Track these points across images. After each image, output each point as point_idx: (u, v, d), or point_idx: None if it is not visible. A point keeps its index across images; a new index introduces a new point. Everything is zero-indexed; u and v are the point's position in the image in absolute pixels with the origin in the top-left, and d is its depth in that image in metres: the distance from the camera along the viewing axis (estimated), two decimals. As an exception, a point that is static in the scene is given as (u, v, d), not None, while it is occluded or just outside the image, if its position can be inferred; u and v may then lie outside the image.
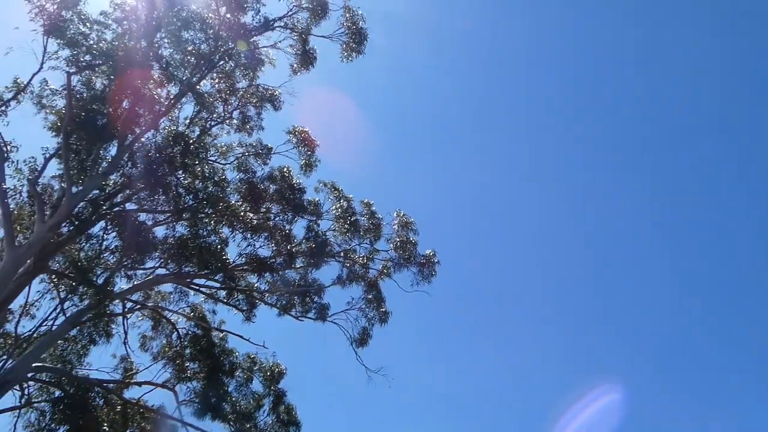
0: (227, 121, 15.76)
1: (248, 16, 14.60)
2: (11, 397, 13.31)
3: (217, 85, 15.14)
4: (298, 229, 16.70)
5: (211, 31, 13.94)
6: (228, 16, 13.87)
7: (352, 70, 16.26)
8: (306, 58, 15.52)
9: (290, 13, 15.02)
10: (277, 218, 16.44)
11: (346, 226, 16.83)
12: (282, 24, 15.02)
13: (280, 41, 15.11)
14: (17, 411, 13.87)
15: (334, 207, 16.89)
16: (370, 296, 17.18)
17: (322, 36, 15.46)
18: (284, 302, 16.91)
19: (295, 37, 15.26)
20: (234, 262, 15.81)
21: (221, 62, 14.68)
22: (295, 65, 15.63)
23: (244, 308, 16.76)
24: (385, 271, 17.39)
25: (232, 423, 16.14)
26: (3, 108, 12.09)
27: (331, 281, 16.96)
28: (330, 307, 16.78)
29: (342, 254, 17.03)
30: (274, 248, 16.22)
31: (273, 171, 16.32)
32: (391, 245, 17.40)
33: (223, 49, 14.30)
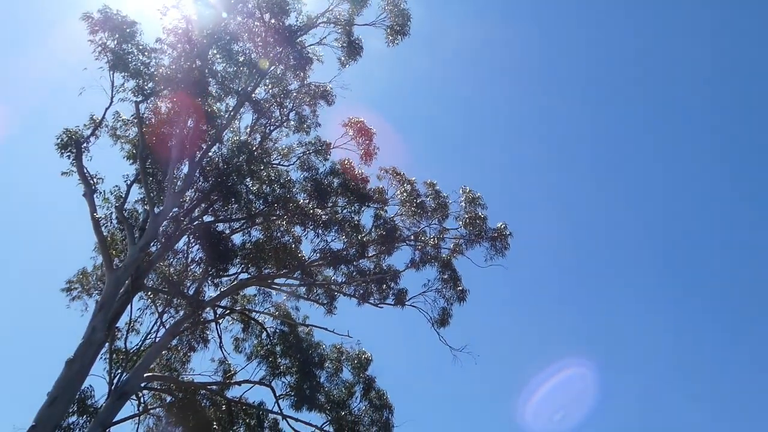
0: (285, 123, 16.16)
1: (291, 18, 14.86)
2: (130, 407, 14.53)
3: (270, 91, 15.54)
4: (366, 218, 16.96)
5: (259, 39, 14.27)
6: (272, 21, 14.16)
7: (399, 52, 16.20)
8: (352, 49, 15.59)
9: (331, 7, 15.14)
10: (344, 210, 16.73)
11: (412, 209, 16.90)
12: (325, 20, 15.17)
13: (324, 37, 15.28)
14: (137, 418, 15.08)
15: (398, 192, 16.99)
16: (445, 276, 17.20)
17: (365, 24, 15.49)
18: (362, 291, 17.23)
19: (339, 30, 15.36)
20: (309, 258, 16.31)
21: (272, 67, 14.99)
22: (343, 58, 15.75)
23: (325, 302, 17.26)
24: (456, 249, 17.33)
25: (327, 412, 16.75)
26: (85, 145, 12.98)
27: (405, 265, 17.12)
28: (407, 292, 16.94)
29: (412, 237, 17.14)
30: (346, 240, 16.56)
31: (334, 165, 16.60)
32: (460, 222, 17.30)
33: (272, 55, 14.61)
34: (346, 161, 16.59)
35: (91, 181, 13.17)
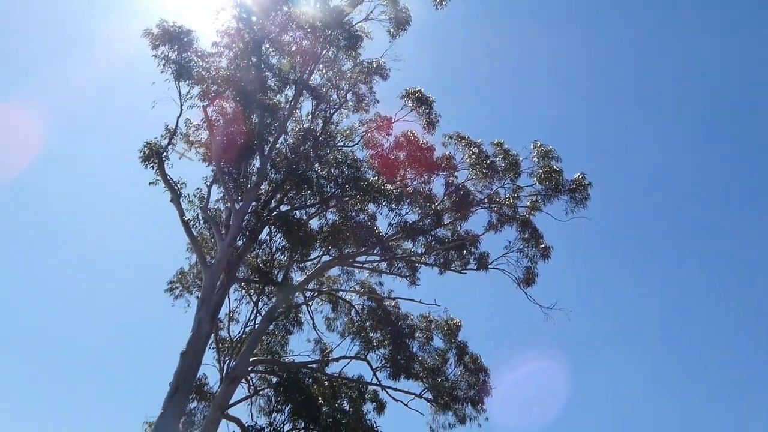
0: (343, 105, 16.30)
1: (336, -1, 14.78)
2: (241, 390, 15.68)
3: (325, 75, 15.68)
4: (437, 187, 16.86)
5: (307, 25, 14.38)
6: (318, 4, 14.17)
7: (446, 15, 15.72)
8: (400, 20, 15.32)
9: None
10: (414, 182, 16.72)
11: (483, 171, 16.55)
12: (368, -8, 14.96)
13: (371, 12, 15.08)
14: (249, 400, 16.27)
15: (465, 156, 16.68)
16: (525, 235, 16.81)
17: (411, -10, 15.07)
18: (442, 260, 17.26)
19: (385, 2, 15.09)
20: (386, 233, 16.52)
21: (323, 51, 15.10)
22: (392, 30, 15.54)
23: (407, 274, 17.47)
24: (534, 206, 16.83)
25: (424, 380, 17.13)
26: (165, 154, 13.87)
27: (483, 229, 16.91)
28: (489, 255, 16.76)
29: (486, 200, 16.84)
30: (420, 211, 16.59)
31: (398, 138, 16.56)
32: (535, 179, 16.73)
33: (321, 38, 14.70)
34: (409, 133, 16.49)
35: (176, 187, 14.08)
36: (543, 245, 16.72)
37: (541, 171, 16.65)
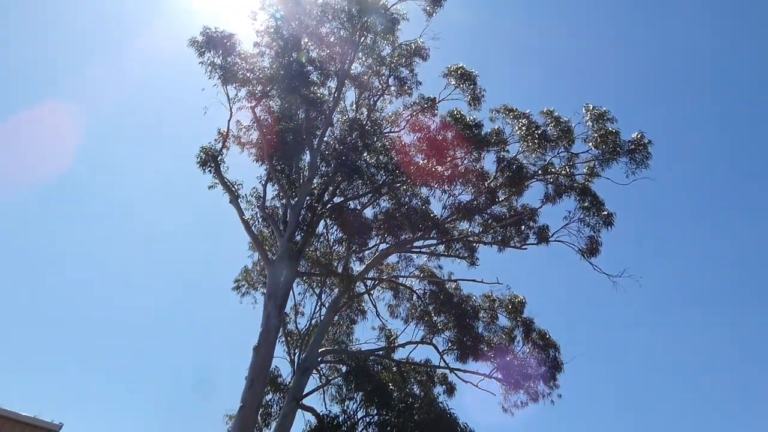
0: (386, 91, 16.24)
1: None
2: (312, 380, 16.07)
3: (365, 63, 15.65)
4: (489, 163, 16.52)
5: (343, 15, 14.39)
6: (351, -7, 14.14)
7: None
8: (435, -4, 15.05)
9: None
10: (465, 161, 16.46)
11: (534, 142, 16.06)
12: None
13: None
14: (321, 389, 16.67)
15: (515, 129, 16.24)
16: (585, 204, 16.19)
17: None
18: (500, 237, 16.95)
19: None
20: (441, 216, 16.39)
21: (361, 38, 15.06)
22: (428, 8, 15.30)
23: (465, 255, 17.28)
24: (591, 172, 16.20)
25: (492, 360, 16.94)
26: (220, 158, 14.31)
27: (540, 202, 16.45)
28: (549, 228, 16.30)
29: (540, 172, 16.36)
30: (473, 190, 16.32)
31: (444, 118, 16.32)
32: (590, 144, 16.04)
33: (358, 26, 14.67)
34: (455, 111, 16.22)
35: (233, 188, 14.51)
36: (605, 212, 16.06)
37: (596, 135, 15.95)
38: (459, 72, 15.93)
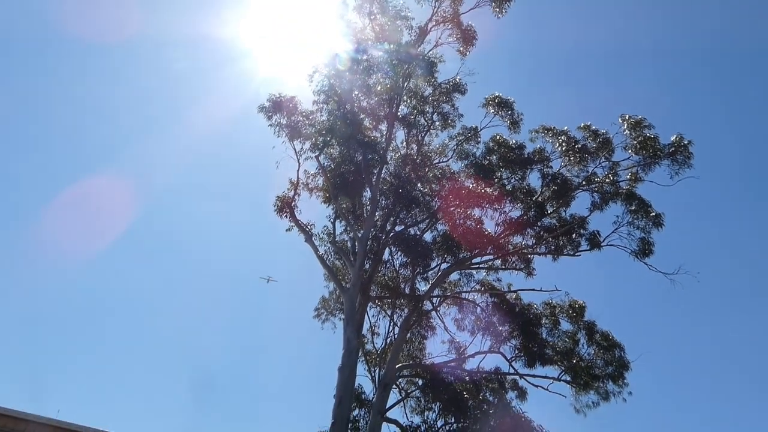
0: (431, 126, 17.92)
1: (404, 35, 16.55)
2: (393, 395, 17.57)
3: (411, 104, 17.43)
4: (534, 180, 17.73)
5: (386, 66, 16.27)
6: (391, 47, 16.02)
7: (509, 20, 16.80)
8: (466, 37, 16.68)
9: (435, 9, 16.44)
10: (511, 180, 17.75)
11: (575, 155, 17.14)
12: (433, 22, 16.53)
13: (439, 38, 16.64)
14: (402, 402, 18.15)
15: (556, 146, 17.40)
16: (632, 207, 16.98)
17: (471, 9, 16.41)
18: (553, 247, 17.97)
19: (449, 25, 16.57)
20: (495, 232, 17.69)
21: (405, 84, 16.89)
22: (461, 48, 16.99)
23: (521, 267, 18.39)
24: (635, 177, 17.03)
25: (559, 363, 17.79)
26: (293, 204, 16.42)
27: (587, 210, 17.41)
28: (600, 233, 17.17)
29: (584, 183, 17.37)
30: (522, 206, 17.56)
31: (487, 144, 17.77)
32: (630, 151, 16.95)
33: (401, 73, 16.51)
34: (497, 136, 17.61)
35: (307, 229, 16.54)
36: (653, 213, 16.77)
37: (635, 142, 16.83)
38: (496, 101, 17.35)
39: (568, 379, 17.42)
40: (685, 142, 16.69)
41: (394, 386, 17.59)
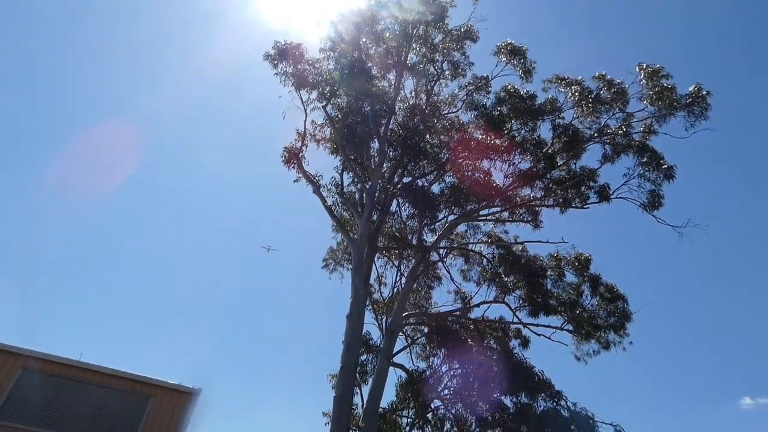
0: (441, 76, 17.45)
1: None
2: (399, 342, 18.11)
3: (420, 52, 16.92)
4: (545, 131, 17.42)
5: (396, 9, 15.68)
6: (401, -10, 15.38)
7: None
8: (479, -22, 15.92)
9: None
10: (522, 131, 17.45)
11: (588, 106, 16.75)
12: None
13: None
14: (408, 349, 18.75)
15: (568, 96, 16.97)
16: (644, 160, 16.72)
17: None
18: (561, 200, 17.87)
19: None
20: (503, 185, 17.58)
21: (414, 30, 16.33)
22: (473, -8, 16.20)
23: (529, 219, 18.39)
24: (648, 129, 16.68)
25: (562, 314, 18.13)
26: (300, 154, 16.33)
27: (598, 163, 17.18)
28: (609, 186, 17.01)
29: (596, 135, 17.05)
30: (531, 158, 17.34)
31: (498, 94, 17.35)
32: (645, 102, 16.52)
33: (410, 19, 15.93)
34: (509, 86, 17.17)
35: (315, 180, 16.53)
36: (665, 166, 16.51)
37: (651, 93, 16.37)
38: (509, 48, 16.79)
39: (571, 328, 17.81)
40: (704, 93, 16.20)
41: (400, 333, 18.11)
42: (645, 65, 16.51)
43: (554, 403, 16.18)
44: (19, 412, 14.21)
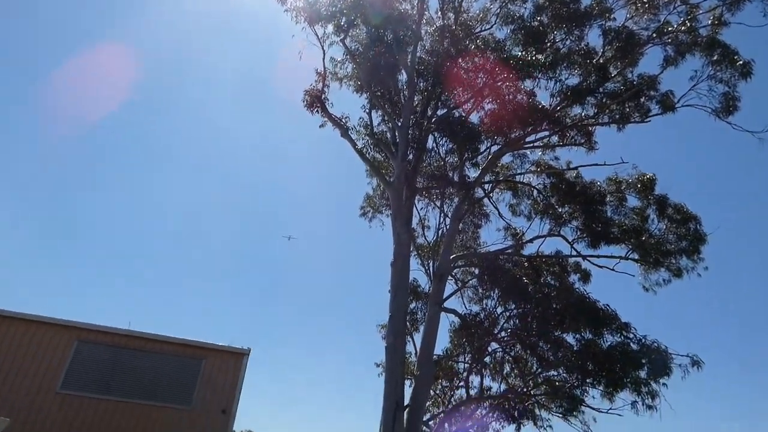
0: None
1: None
2: (449, 286, 17.19)
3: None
4: (594, 38, 15.34)
5: None
6: None
7: None
8: None
9: None
10: (566, 42, 15.45)
11: (643, 1, 14.51)
12: None
13: None
14: (458, 293, 17.82)
15: (619, -8, 14.74)
16: (714, 58, 14.49)
17: None
18: (618, 115, 15.97)
19: None
20: (550, 105, 15.81)
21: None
22: None
23: (582, 141, 16.60)
24: (718, 21, 14.32)
25: (626, 242, 16.58)
26: (323, 96, 15.07)
27: (659, 68, 15.05)
28: (673, 93, 14.96)
29: (655, 35, 14.84)
30: (580, 71, 15.40)
31: (536, 1, 15.29)
32: (713, -12, 14.12)
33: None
34: (548, -10, 15.06)
35: (342, 122, 15.32)
36: (739, 62, 14.26)
37: (719, -25, 13.96)
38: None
39: (636, 257, 16.30)
40: (785, -32, 13.61)
41: (449, 277, 17.12)
42: (711, -57, 13.98)
43: (622, 337, 14.97)
44: (81, 381, 14.56)
